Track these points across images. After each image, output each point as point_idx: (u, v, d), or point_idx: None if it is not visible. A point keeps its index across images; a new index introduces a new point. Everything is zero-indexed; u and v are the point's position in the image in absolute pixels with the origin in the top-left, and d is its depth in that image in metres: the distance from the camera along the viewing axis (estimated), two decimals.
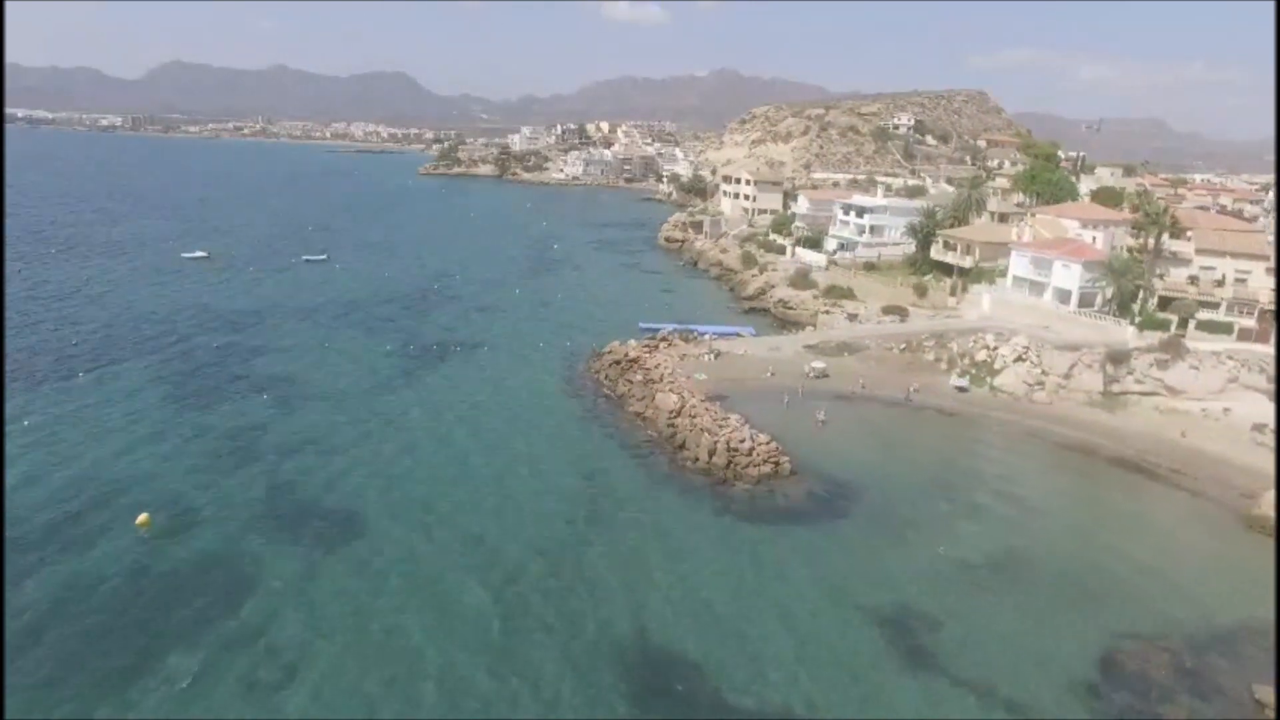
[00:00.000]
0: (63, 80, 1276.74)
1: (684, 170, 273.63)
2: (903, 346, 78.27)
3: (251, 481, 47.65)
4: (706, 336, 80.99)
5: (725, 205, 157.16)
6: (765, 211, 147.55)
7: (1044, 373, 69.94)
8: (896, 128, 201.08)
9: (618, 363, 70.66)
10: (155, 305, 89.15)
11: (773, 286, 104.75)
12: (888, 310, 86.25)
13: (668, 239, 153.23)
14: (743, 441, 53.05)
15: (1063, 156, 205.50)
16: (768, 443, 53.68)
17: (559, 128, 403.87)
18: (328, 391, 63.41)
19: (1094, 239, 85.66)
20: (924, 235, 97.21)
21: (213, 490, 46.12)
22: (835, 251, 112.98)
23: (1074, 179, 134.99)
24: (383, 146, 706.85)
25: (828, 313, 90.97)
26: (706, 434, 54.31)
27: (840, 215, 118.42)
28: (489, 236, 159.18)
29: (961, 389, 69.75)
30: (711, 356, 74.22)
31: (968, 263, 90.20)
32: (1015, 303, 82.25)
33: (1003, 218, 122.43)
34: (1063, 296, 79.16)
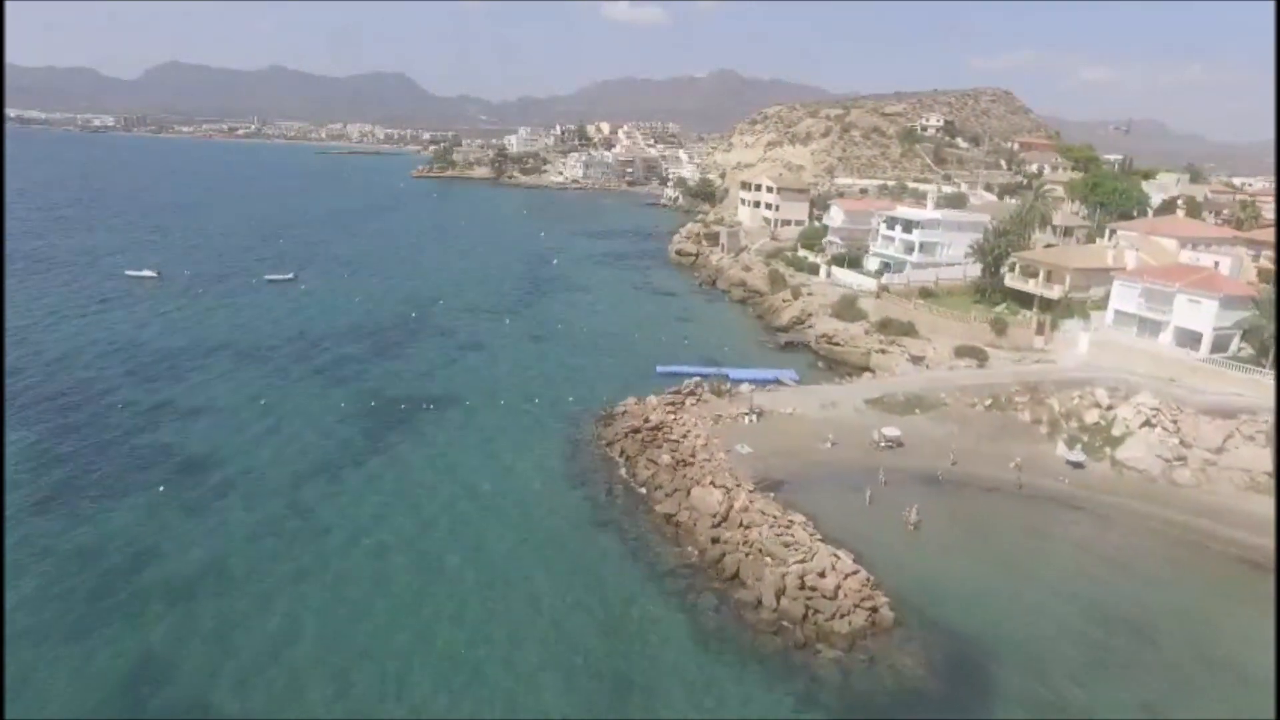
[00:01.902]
0: (59, 80, 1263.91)
1: (690, 174, 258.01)
2: (988, 402, 62.64)
3: (105, 652, 31.89)
4: (744, 387, 65.42)
5: (744, 215, 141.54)
6: (789, 222, 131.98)
7: (1184, 444, 54.39)
8: (924, 129, 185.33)
9: (635, 431, 54.88)
10: (69, 343, 73.30)
11: (811, 315, 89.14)
12: (961, 352, 70.54)
13: (680, 252, 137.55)
14: (822, 575, 37.37)
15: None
16: (854, 572, 38.06)
17: (558, 128, 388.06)
18: (251, 480, 47.58)
19: (1215, 264, 70.06)
20: (995, 257, 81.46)
21: (33, 681, 30.32)
22: (880, 273, 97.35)
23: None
24: (377, 147, 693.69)
25: (884, 352, 75.32)
26: (769, 561, 38.63)
27: (883, 230, 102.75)
28: (480, 249, 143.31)
29: (1076, 464, 54.20)
30: (754, 418, 58.62)
31: (1055, 293, 74.45)
32: (1122, 345, 66.56)
33: (1066, 232, 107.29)
34: (1188, 340, 63.55)
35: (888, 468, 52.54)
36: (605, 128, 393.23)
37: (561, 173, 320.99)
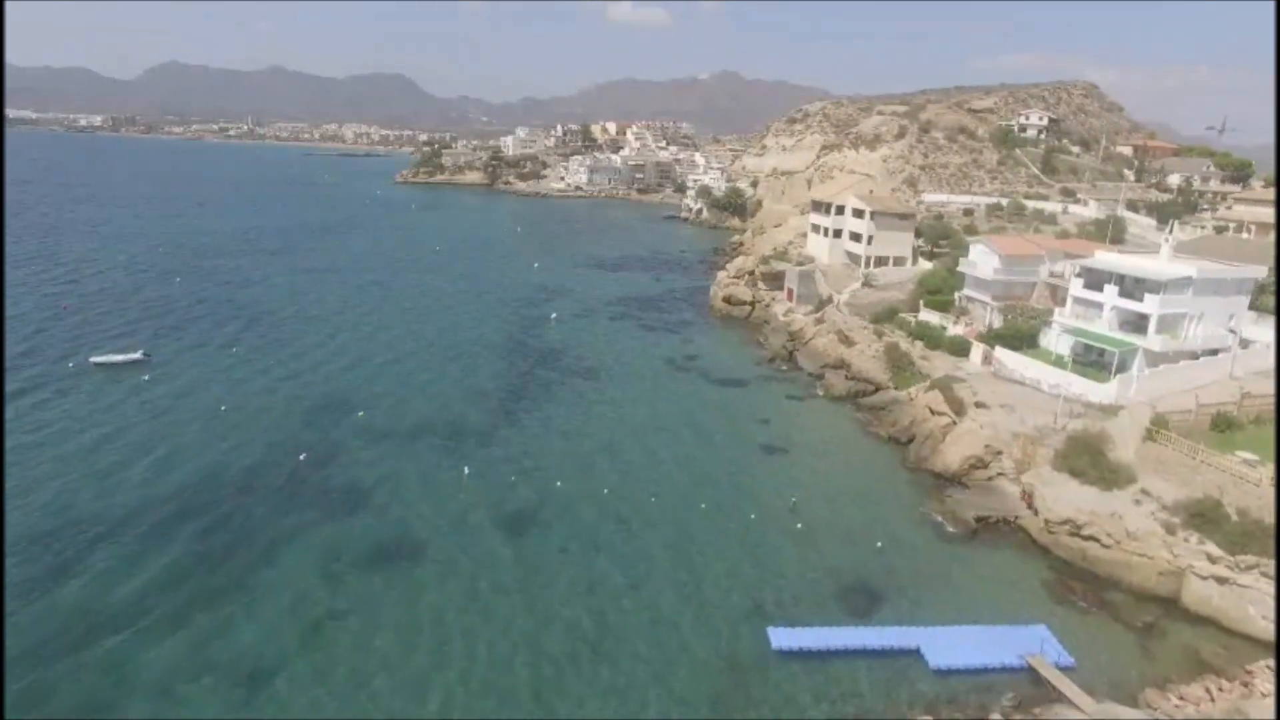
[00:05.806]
0: (56, 80, 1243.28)
1: (714, 181, 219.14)
2: None
3: None
4: None
5: (816, 247, 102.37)
6: (886, 260, 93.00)
7: None
8: (1024, 129, 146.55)
9: None
10: None
11: (999, 454, 50.33)
12: None
13: (729, 300, 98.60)
14: None
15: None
16: None
17: (559, 128, 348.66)
18: None
19: None
20: None
21: None
22: (1099, 364, 58.69)
23: None
24: (371, 148, 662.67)
25: (1220, 582, 36.51)
26: None
27: (1078, 289, 63.92)
28: (448, 293, 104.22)
29: None
30: None
31: None
32: None
33: None
34: None
35: None
36: (612, 128, 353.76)
37: (563, 178, 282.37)
